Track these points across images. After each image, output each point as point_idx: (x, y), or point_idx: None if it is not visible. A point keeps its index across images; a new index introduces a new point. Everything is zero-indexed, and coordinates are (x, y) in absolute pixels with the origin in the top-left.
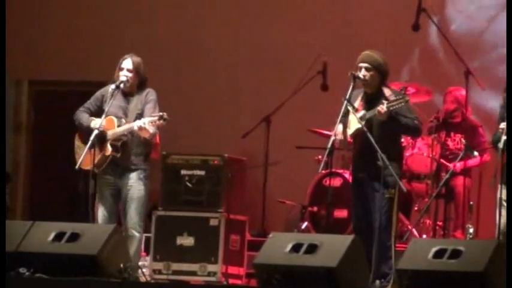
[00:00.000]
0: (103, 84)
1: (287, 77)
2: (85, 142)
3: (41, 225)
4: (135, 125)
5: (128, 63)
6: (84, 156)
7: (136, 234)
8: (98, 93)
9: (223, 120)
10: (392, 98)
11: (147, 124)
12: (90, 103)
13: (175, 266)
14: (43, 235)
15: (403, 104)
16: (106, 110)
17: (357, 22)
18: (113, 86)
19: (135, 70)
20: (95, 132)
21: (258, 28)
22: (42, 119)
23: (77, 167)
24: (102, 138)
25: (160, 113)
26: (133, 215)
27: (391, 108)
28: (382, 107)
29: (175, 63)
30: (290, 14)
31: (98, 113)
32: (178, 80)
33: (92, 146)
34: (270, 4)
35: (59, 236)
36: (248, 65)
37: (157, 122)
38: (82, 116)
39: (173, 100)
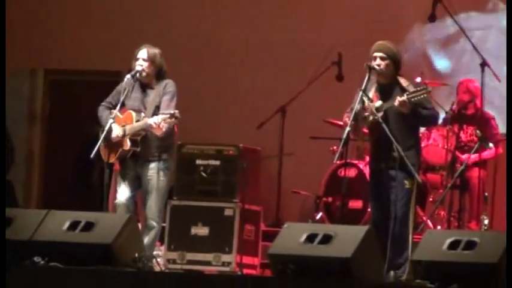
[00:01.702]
0: (118, 73)
1: (302, 67)
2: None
3: (56, 214)
4: (150, 122)
5: (143, 53)
6: (98, 148)
7: (155, 224)
8: (119, 86)
9: (238, 111)
10: (411, 88)
11: (161, 122)
12: (112, 97)
13: (190, 256)
14: (58, 224)
15: (425, 96)
16: (121, 100)
17: (372, 15)
18: (128, 76)
19: (150, 60)
20: (107, 126)
21: (273, 20)
22: (57, 109)
23: (92, 155)
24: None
25: (172, 111)
26: (153, 205)
27: (412, 100)
28: (403, 98)
29: (190, 55)
30: (304, 6)
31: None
32: (193, 70)
33: (105, 140)
34: None
35: (73, 225)
36: (263, 56)
37: (168, 120)
38: (102, 114)
39: (188, 90)
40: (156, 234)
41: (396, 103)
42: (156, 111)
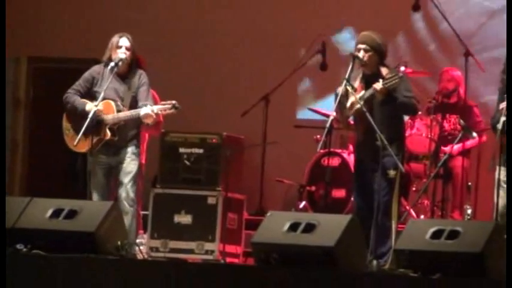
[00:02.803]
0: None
1: (287, 55)
2: (73, 123)
3: (39, 201)
4: (144, 111)
5: (125, 41)
6: (80, 139)
7: (130, 208)
8: (87, 74)
9: (222, 99)
10: (388, 76)
11: (157, 111)
12: (80, 85)
13: (173, 244)
14: (41, 211)
15: (397, 80)
16: (104, 88)
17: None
18: (112, 64)
19: (132, 49)
20: (91, 115)
21: (258, 8)
22: (41, 96)
23: (75, 142)
24: (98, 121)
25: (173, 102)
26: (127, 189)
27: (386, 86)
28: (378, 84)
29: (174, 42)
30: None
31: (87, 94)
32: (177, 58)
33: (88, 129)
34: None
35: (56, 213)
36: (248, 44)
37: (168, 111)
38: (74, 99)
39: (172, 78)
40: (133, 217)
41: (372, 90)
42: (132, 102)
